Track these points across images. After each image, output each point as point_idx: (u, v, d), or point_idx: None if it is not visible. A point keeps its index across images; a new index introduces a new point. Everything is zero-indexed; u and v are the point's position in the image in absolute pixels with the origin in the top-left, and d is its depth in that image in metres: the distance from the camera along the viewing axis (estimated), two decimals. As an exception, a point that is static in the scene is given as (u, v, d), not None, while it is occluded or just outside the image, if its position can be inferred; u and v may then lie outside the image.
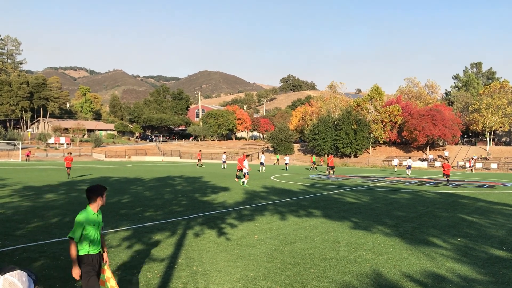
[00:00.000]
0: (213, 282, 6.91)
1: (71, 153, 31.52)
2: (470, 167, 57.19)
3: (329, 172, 37.77)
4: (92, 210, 5.09)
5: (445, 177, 29.52)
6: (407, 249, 9.36)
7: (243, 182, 25.84)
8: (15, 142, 73.07)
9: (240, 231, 11.20)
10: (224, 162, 50.94)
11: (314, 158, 55.24)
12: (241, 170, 28.31)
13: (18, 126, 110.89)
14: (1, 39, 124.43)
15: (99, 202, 5.16)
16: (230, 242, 9.86)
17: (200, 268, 7.71)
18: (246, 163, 26.45)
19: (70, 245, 4.96)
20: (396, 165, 53.26)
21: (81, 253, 5.00)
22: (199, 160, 53.89)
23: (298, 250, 9.16)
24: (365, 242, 10.03)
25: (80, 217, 4.96)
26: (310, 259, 8.43)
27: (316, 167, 54.09)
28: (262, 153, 43.18)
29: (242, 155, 30.26)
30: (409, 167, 44.54)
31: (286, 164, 50.55)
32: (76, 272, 4.89)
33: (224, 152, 57.72)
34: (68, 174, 29.10)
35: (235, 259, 8.33)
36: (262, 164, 43.66)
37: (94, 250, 5.07)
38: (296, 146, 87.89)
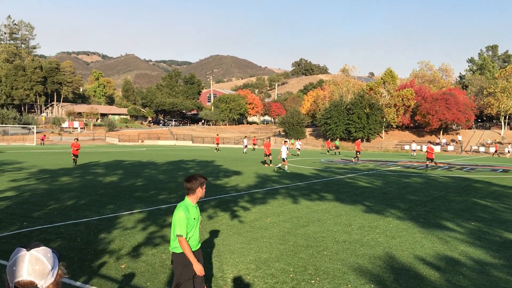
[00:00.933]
0: (227, 263, 6.99)
1: (77, 139, 28.15)
2: (509, 152, 56.71)
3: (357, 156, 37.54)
4: (191, 203, 4.63)
5: (428, 161, 27.87)
6: (420, 233, 9.36)
7: (278, 167, 25.50)
8: (30, 126, 73.84)
9: (253, 214, 11.28)
10: (246, 146, 50.47)
11: (337, 142, 54.91)
12: (269, 155, 28.23)
13: (33, 110, 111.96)
14: (15, 24, 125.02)
15: (198, 193, 4.67)
16: (243, 225, 9.95)
17: (214, 249, 7.80)
18: (284, 148, 25.95)
19: (181, 243, 4.42)
20: (414, 150, 51.93)
21: (178, 251, 4.53)
22: (217, 144, 53.77)
23: (310, 233, 9.21)
24: (378, 226, 10.04)
25: (181, 211, 4.47)
26: (322, 242, 8.48)
27: (328, 151, 53.89)
28: (297, 139, 45.70)
29: (268, 140, 30.25)
30: (413, 150, 44.00)
31: (297, 149, 49.88)
32: (199, 268, 4.44)
33: (246, 137, 57.53)
34: (74, 161, 25.91)
35: (248, 241, 8.41)
36: (298, 149, 48.17)
37: (195, 247, 4.63)
38: (308, 131, 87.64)
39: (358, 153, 36.61)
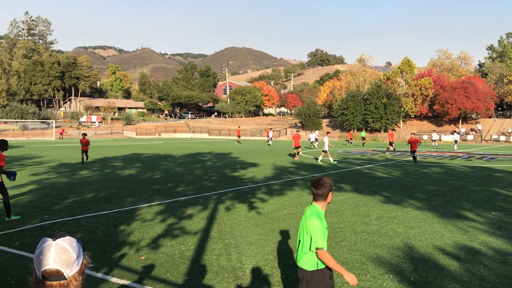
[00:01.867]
0: (245, 254, 7.03)
1: (86, 134, 24.64)
2: None
3: (389, 148, 36.82)
4: (322, 210, 3.98)
5: (411, 154, 25.27)
6: (439, 223, 9.28)
7: (320, 160, 25.18)
8: (49, 121, 75.00)
9: (270, 206, 11.30)
10: (271, 139, 49.12)
11: (363, 133, 53.87)
12: (298, 147, 27.79)
13: (51, 105, 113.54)
14: (33, 20, 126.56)
15: (329, 199, 4.03)
16: (261, 216, 9.97)
17: (233, 241, 7.85)
18: (326, 139, 25.77)
19: (324, 257, 3.78)
20: (435, 140, 50.12)
21: (310, 268, 3.87)
22: (239, 136, 53.61)
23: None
24: (396, 216, 9.98)
25: (317, 219, 3.82)
26: (341, 232, 8.47)
27: (350, 142, 52.97)
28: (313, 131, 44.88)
29: (297, 132, 29.91)
30: (455, 141, 43.51)
31: (311, 142, 45.74)
32: (351, 278, 3.76)
33: (271, 129, 57.03)
34: (82, 159, 23.34)
35: (266, 233, 8.44)
36: (316, 140, 46.54)
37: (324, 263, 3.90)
38: (325, 122, 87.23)
39: (391, 144, 36.44)
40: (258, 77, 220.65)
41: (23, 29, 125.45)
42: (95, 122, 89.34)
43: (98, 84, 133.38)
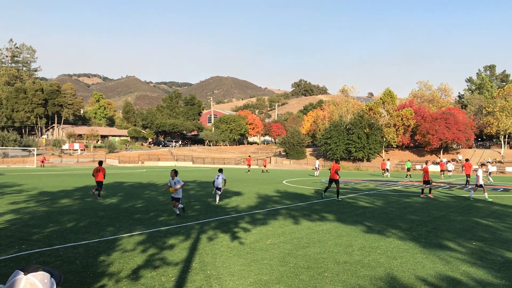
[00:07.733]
0: (227, 286, 6.93)
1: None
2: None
3: (468, 181, 30.95)
4: None
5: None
6: (421, 253, 9.30)
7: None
8: (30, 148, 73.98)
9: (253, 235, 11.22)
10: (317, 169, 47.74)
11: (408, 164, 47.18)
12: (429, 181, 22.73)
13: (33, 132, 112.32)
14: (17, 47, 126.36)
15: None
16: (243, 246, 9.88)
17: (214, 272, 7.74)
18: (480, 172, 21.74)
19: None
20: (450, 170, 47.38)
21: None
22: (249, 165, 53.24)
23: (311, 254, 9.15)
24: (379, 246, 9.98)
25: None
26: (323, 263, 8.42)
27: (384, 173, 49.17)
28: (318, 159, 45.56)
29: (427, 164, 24.17)
30: (489, 173, 38.38)
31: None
32: None
33: (318, 158, 56.76)
34: None
35: (248, 263, 8.35)
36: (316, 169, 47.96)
37: None
38: (308, 151, 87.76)
39: (469, 177, 30.68)
40: (242, 106, 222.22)
41: (6, 56, 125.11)
42: (77, 149, 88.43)
43: (82, 111, 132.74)
